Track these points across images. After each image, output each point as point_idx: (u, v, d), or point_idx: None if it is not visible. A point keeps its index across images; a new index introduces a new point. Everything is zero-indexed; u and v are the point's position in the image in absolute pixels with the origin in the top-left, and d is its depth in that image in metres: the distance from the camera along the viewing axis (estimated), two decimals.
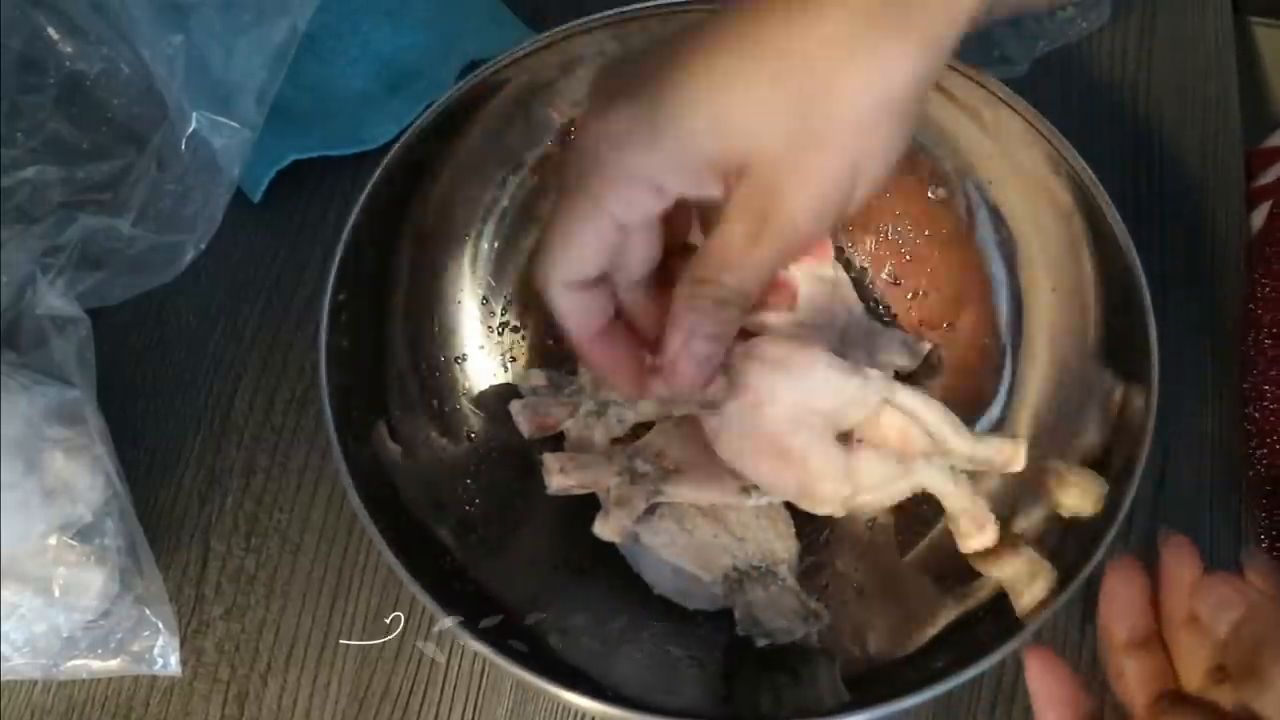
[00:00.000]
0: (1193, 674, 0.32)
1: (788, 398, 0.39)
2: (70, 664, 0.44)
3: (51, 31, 0.49)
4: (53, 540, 0.42)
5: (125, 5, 0.47)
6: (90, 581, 0.43)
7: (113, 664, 0.45)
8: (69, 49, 0.49)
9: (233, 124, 0.50)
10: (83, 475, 0.43)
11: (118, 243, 0.47)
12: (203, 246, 0.49)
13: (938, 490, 0.40)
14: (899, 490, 0.40)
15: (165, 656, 0.45)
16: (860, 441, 0.39)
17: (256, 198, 0.54)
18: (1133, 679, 0.33)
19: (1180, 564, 0.33)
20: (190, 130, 0.49)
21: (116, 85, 0.50)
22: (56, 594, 0.42)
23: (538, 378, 0.48)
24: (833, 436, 0.39)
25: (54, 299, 0.45)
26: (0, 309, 0.45)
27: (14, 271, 0.45)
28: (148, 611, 0.45)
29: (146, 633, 0.45)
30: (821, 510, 0.40)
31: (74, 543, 0.43)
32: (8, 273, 0.45)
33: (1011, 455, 0.40)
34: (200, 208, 0.49)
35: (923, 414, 0.39)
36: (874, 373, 0.39)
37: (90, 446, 0.44)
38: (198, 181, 0.49)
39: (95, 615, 0.44)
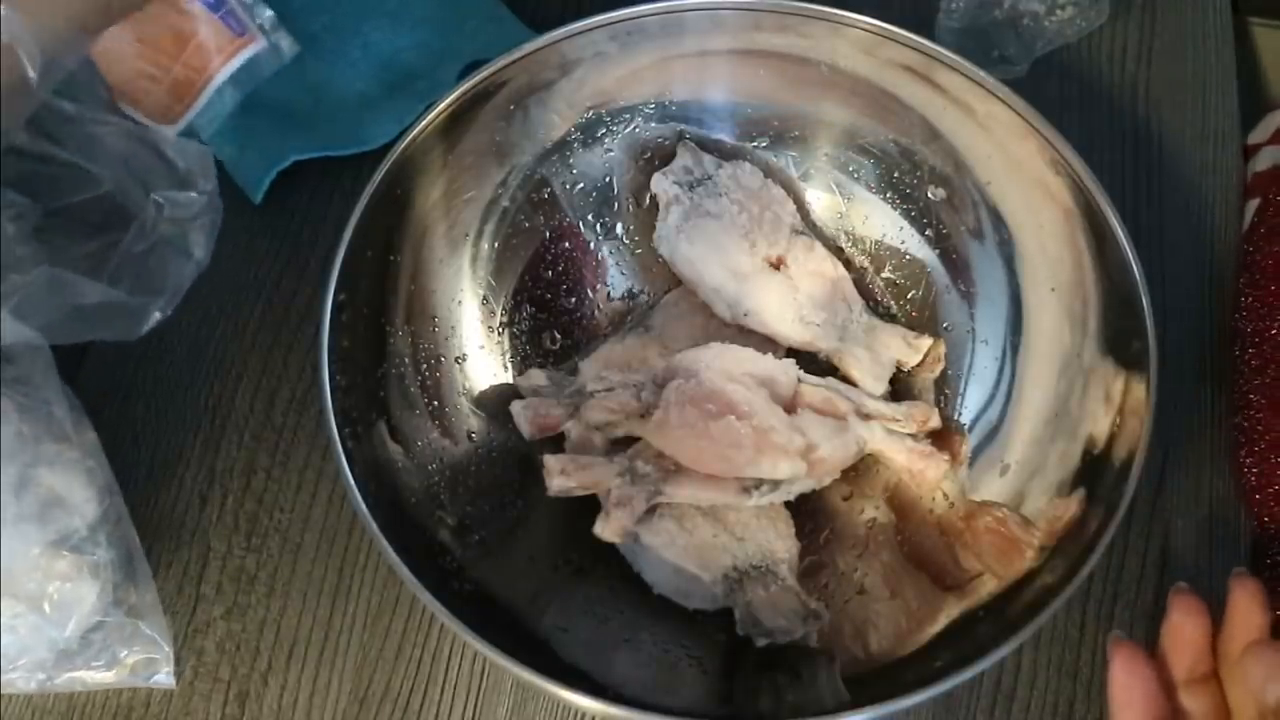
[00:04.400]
0: (1246, 713, 0.32)
1: (717, 363, 0.44)
2: (65, 677, 0.44)
3: (31, 164, 0.49)
4: (46, 555, 0.42)
5: (78, 123, 0.48)
6: (84, 595, 0.43)
7: (107, 677, 0.44)
8: (49, 181, 0.50)
9: (190, 194, 0.50)
10: (77, 490, 0.43)
11: (81, 291, 0.48)
12: (169, 312, 0.49)
13: (876, 444, 0.46)
14: (848, 446, 0.45)
15: (160, 670, 0.45)
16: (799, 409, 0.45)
17: (258, 199, 0.54)
18: (1191, 713, 0.33)
19: (1249, 607, 0.33)
20: (151, 214, 0.49)
21: (95, 203, 0.50)
22: (49, 609, 0.42)
23: (538, 378, 0.48)
24: (770, 398, 0.44)
25: (10, 327, 0.45)
26: None
27: None
28: (142, 625, 0.45)
29: (141, 646, 0.45)
30: (784, 470, 0.42)
31: (68, 557, 0.42)
32: None
33: (926, 414, 0.47)
34: (168, 276, 0.49)
35: (834, 385, 0.47)
36: (786, 361, 0.46)
37: (82, 460, 0.44)
38: (165, 254, 0.49)
39: (89, 629, 0.43)
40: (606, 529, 0.42)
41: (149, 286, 0.47)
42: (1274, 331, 0.51)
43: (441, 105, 0.45)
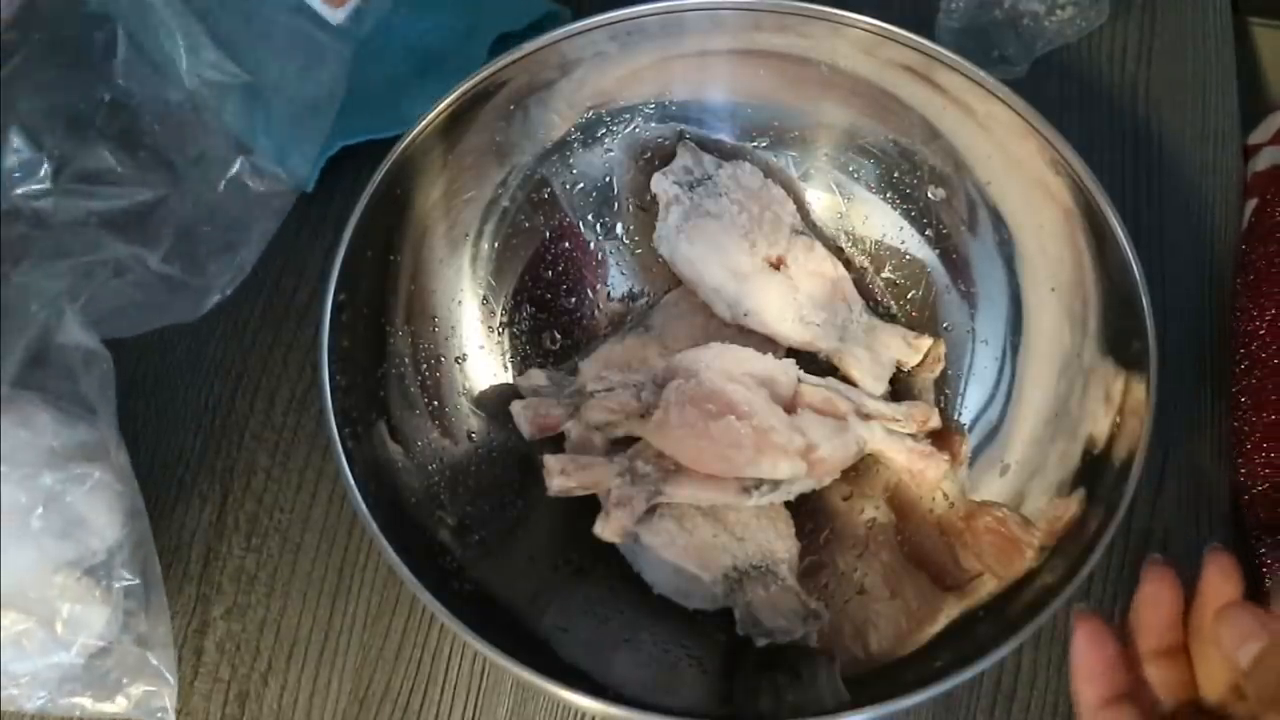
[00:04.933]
0: (1214, 686, 0.32)
1: (717, 363, 0.44)
2: (67, 700, 0.43)
3: (120, 43, 0.49)
4: (61, 575, 0.42)
5: (191, 32, 0.48)
6: (93, 619, 0.42)
7: (107, 706, 0.44)
8: (126, 65, 0.49)
9: (281, 174, 0.50)
10: (101, 513, 0.43)
11: (145, 276, 0.47)
12: (228, 293, 0.49)
13: (875, 444, 0.46)
14: (848, 445, 0.45)
15: (162, 704, 0.44)
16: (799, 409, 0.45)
17: (309, 188, 0.54)
18: (1158, 685, 0.33)
19: (1221, 582, 0.33)
20: (231, 174, 0.49)
21: (161, 112, 0.50)
22: (60, 629, 0.42)
23: (538, 378, 0.48)
24: (770, 398, 0.44)
25: (77, 331, 0.44)
26: (28, 340, 0.44)
27: (43, 300, 0.45)
28: (150, 656, 0.44)
29: (146, 679, 0.44)
30: (784, 470, 0.42)
31: (82, 578, 0.42)
32: (37, 301, 0.44)
33: (926, 414, 0.47)
34: (232, 255, 0.49)
35: (834, 385, 0.47)
36: (786, 361, 0.46)
37: (111, 484, 0.44)
38: (234, 227, 0.49)
39: (95, 654, 0.43)
40: (606, 529, 0.42)
41: (208, 268, 0.48)
42: (1263, 331, 0.51)
43: (441, 105, 0.45)
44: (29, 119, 0.48)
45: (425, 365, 0.47)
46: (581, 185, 0.51)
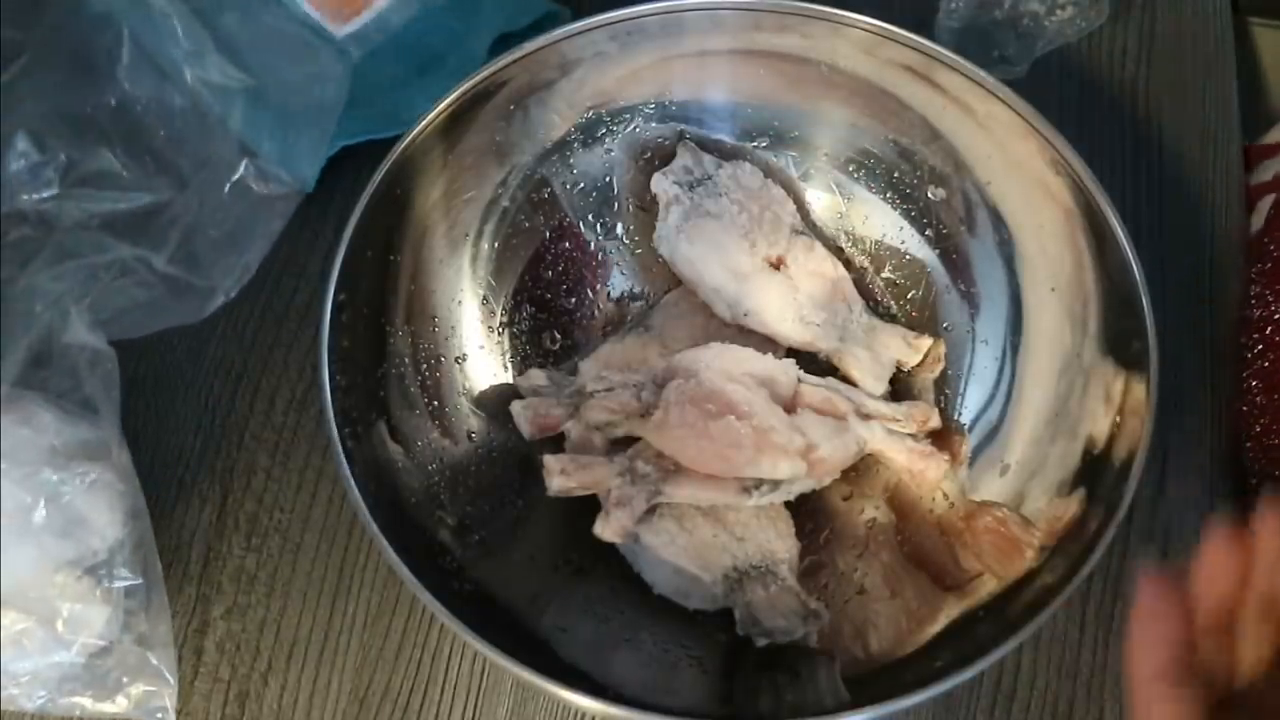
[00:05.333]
0: (1253, 659, 0.30)
1: (717, 363, 0.45)
2: (67, 700, 0.43)
3: (125, 47, 0.49)
4: (62, 574, 0.42)
5: (196, 37, 0.48)
6: (93, 619, 0.42)
7: (107, 706, 0.44)
8: (132, 69, 0.49)
9: (285, 177, 0.50)
10: (102, 512, 0.43)
11: (150, 277, 0.48)
12: (233, 294, 0.49)
13: (876, 444, 0.46)
14: (848, 445, 0.45)
15: (162, 704, 0.44)
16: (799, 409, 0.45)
17: (310, 188, 0.54)
18: (1209, 661, 0.31)
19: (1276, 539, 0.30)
20: (236, 177, 0.49)
21: (166, 116, 0.50)
22: (60, 628, 0.42)
23: (538, 378, 0.48)
24: (770, 398, 0.44)
25: (82, 331, 0.45)
26: (30, 340, 0.45)
27: (47, 300, 0.45)
28: (151, 656, 0.44)
29: (146, 678, 0.44)
30: (784, 470, 0.43)
31: (83, 578, 0.42)
32: (41, 302, 0.44)
33: (926, 414, 0.47)
34: (237, 257, 0.49)
35: (834, 385, 0.47)
36: (786, 361, 0.46)
37: (113, 484, 0.44)
38: (239, 229, 0.49)
39: (95, 654, 0.43)
40: (606, 529, 0.42)
41: (213, 270, 0.48)
42: (1278, 316, 0.51)
43: (441, 105, 0.45)
44: (35, 123, 0.49)
45: (425, 365, 0.47)
46: (581, 185, 0.51)
